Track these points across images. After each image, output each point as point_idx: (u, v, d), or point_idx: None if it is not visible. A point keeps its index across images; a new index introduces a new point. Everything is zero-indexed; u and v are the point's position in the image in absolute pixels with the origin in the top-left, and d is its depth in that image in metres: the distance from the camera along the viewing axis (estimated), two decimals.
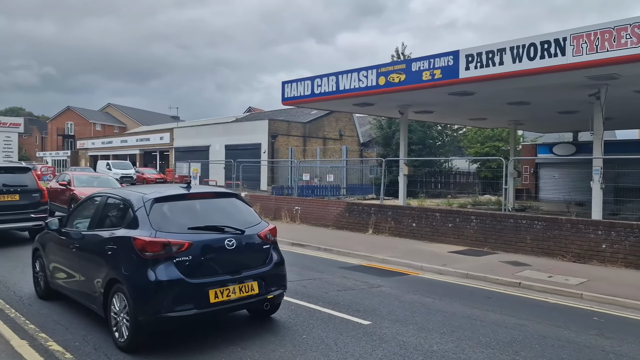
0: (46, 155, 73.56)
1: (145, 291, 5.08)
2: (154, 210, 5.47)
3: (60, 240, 6.84)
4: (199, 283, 5.18)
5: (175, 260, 5.14)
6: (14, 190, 11.93)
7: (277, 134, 36.75)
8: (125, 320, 5.23)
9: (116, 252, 5.48)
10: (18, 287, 7.99)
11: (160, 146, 48.38)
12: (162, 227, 5.32)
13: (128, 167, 40.43)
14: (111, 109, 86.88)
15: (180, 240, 5.22)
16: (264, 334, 5.85)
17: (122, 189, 7.13)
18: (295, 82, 18.42)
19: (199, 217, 5.75)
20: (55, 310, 6.75)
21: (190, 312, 5.11)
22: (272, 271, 5.82)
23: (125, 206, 5.85)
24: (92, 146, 61.12)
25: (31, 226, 12.29)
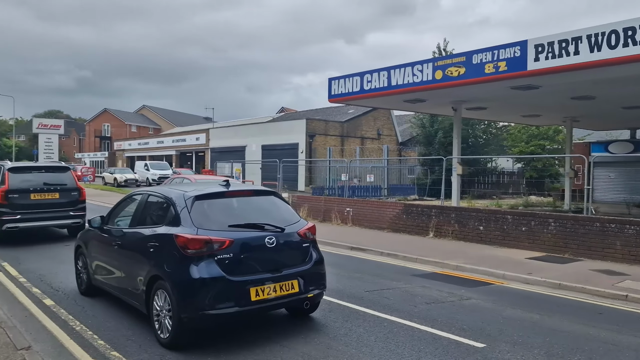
0: (84, 157, 75.02)
1: (188, 288, 5.08)
2: (195, 208, 5.49)
3: (102, 238, 6.93)
4: (240, 281, 5.18)
5: (217, 257, 5.14)
6: (54, 189, 12.39)
7: (315, 134, 36.16)
8: (168, 317, 5.26)
9: (158, 250, 5.52)
10: (60, 283, 7.98)
11: (196, 147, 48.45)
12: (203, 225, 5.33)
13: (165, 167, 40.53)
14: (146, 111, 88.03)
15: (222, 237, 5.22)
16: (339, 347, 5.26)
17: (161, 187, 7.19)
18: (342, 78, 17.71)
19: (239, 214, 5.77)
20: (97, 306, 6.76)
21: (231, 310, 5.11)
22: (312, 270, 5.77)
23: (166, 204, 5.88)
24: (129, 147, 61.83)
25: (70, 223, 12.75)
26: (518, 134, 36.54)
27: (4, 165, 12.84)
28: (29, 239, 12.75)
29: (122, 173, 39.31)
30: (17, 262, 9.84)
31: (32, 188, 12.13)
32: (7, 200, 11.79)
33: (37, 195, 12.17)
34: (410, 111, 25.49)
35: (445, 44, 31.54)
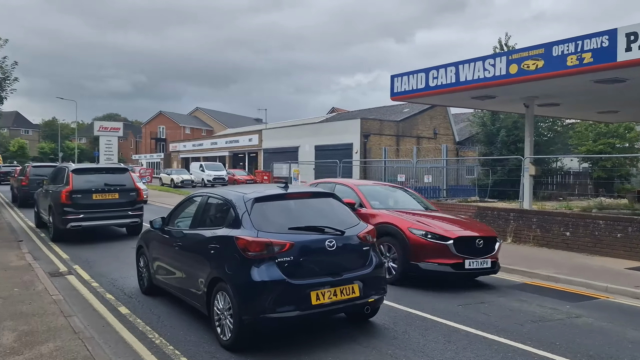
0: (141, 158, 77.31)
1: (249, 291, 5.06)
2: (254, 210, 5.49)
3: (163, 239, 6.99)
4: (301, 284, 5.12)
5: (277, 260, 5.11)
6: (114, 189, 12.81)
7: (370, 133, 35.47)
8: (229, 319, 5.26)
9: (219, 251, 5.51)
10: (133, 289, 7.98)
11: (249, 148, 48.75)
12: (263, 227, 5.31)
13: (220, 168, 40.91)
14: (199, 113, 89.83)
15: (282, 240, 5.19)
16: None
17: (220, 188, 7.06)
18: (406, 75, 17.00)
19: (298, 217, 5.69)
20: (158, 306, 6.75)
21: (292, 314, 5.06)
22: (373, 274, 5.65)
23: (226, 206, 5.88)
24: (184, 148, 63.08)
25: (129, 222, 13.22)
26: (585, 131, 34.55)
27: (68, 167, 13.20)
28: (93, 240, 12.94)
29: (179, 174, 39.94)
30: (88, 265, 9.79)
31: (93, 188, 12.53)
32: (71, 200, 12.17)
33: (99, 195, 12.58)
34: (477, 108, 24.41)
35: (507, 39, 30.15)
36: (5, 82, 25.49)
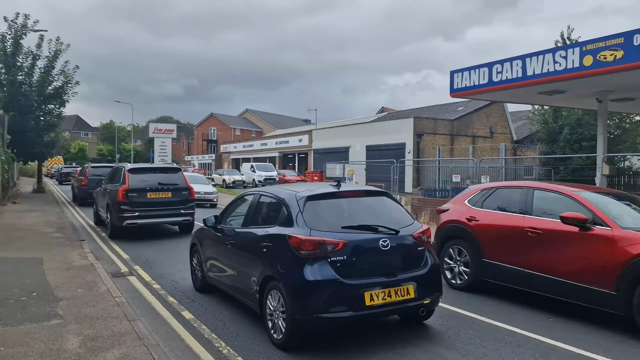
0: (193, 159, 79.02)
1: (301, 290, 5.00)
2: (307, 208, 5.42)
3: (215, 237, 7.05)
4: (354, 284, 5.03)
5: (330, 259, 5.04)
6: (168, 188, 13.22)
7: (423, 133, 34.58)
8: (282, 318, 5.22)
9: (271, 250, 5.49)
10: (184, 284, 8.06)
11: (299, 148, 48.71)
12: (316, 226, 5.25)
13: (271, 169, 41.03)
14: (249, 114, 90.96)
15: (335, 239, 5.12)
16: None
17: (272, 187, 7.02)
18: (467, 70, 16.23)
19: (350, 215, 5.64)
20: (222, 311, 6.62)
21: (345, 314, 4.98)
22: (428, 274, 5.52)
23: (278, 204, 5.86)
24: (234, 149, 63.88)
25: (181, 221, 13.65)
26: None
27: (124, 167, 13.67)
28: (150, 238, 13.14)
29: (230, 175, 40.32)
30: (148, 265, 9.71)
31: (148, 187, 12.95)
32: (127, 199, 12.62)
33: (153, 194, 13.00)
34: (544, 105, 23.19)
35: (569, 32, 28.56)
36: (67, 85, 26.39)
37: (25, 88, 24.91)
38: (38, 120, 26.36)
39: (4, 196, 20.97)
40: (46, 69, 25.71)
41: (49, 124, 27.29)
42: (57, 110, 27.27)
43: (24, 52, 25.06)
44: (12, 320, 5.87)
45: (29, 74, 25.38)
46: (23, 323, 5.77)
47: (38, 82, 25.55)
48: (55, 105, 26.80)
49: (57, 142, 29.57)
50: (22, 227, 13.96)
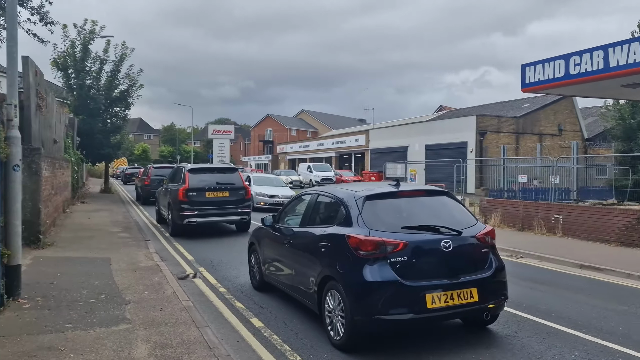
0: (250, 160, 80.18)
1: (361, 291, 4.92)
2: (366, 208, 5.34)
3: (273, 236, 7.08)
4: (416, 286, 4.91)
5: (390, 260, 4.94)
6: (225, 188, 13.49)
7: (486, 131, 33.20)
8: (340, 318, 5.15)
9: (329, 250, 5.44)
10: (241, 282, 8.04)
11: (355, 148, 48.20)
12: (375, 226, 5.16)
13: (328, 169, 40.76)
14: (304, 115, 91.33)
15: (395, 240, 5.01)
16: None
17: (330, 186, 6.97)
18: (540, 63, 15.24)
19: (410, 215, 5.49)
20: (292, 319, 6.35)
21: (406, 317, 4.86)
22: (493, 277, 5.31)
23: (336, 204, 5.82)
24: (290, 150, 64.16)
25: (238, 219, 13.93)
26: None
27: (184, 167, 14.09)
28: (210, 237, 13.26)
29: (288, 175, 40.35)
30: (213, 267, 9.55)
31: (207, 187, 13.27)
32: (187, 198, 12.98)
33: (211, 193, 13.29)
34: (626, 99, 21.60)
35: None
36: (132, 88, 27.12)
37: (93, 92, 25.83)
38: (105, 122, 27.29)
39: (74, 196, 21.74)
40: (112, 72, 26.55)
41: (115, 126, 28.20)
42: (123, 113, 28.18)
43: (92, 57, 25.98)
44: (82, 323, 5.75)
45: (96, 78, 26.30)
46: (92, 327, 5.63)
47: (105, 85, 26.43)
48: (121, 108, 27.67)
49: (122, 143, 30.54)
50: (90, 227, 14.27)
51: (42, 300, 6.63)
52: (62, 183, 16.90)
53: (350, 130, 59.29)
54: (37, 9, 12.73)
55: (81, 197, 23.54)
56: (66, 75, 25.50)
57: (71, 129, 22.66)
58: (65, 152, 19.53)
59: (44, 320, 5.81)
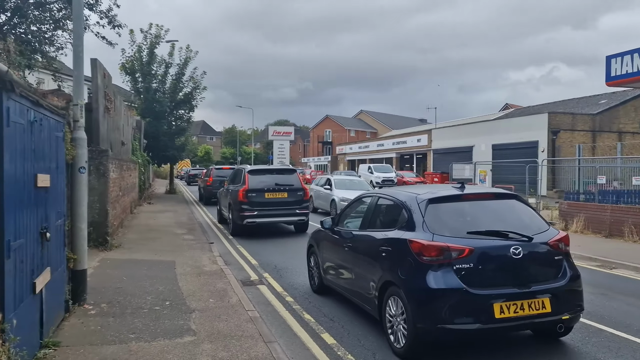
0: (309, 161, 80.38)
1: (424, 298, 4.74)
2: (429, 212, 5.15)
3: (333, 239, 6.97)
4: (483, 295, 4.66)
5: (455, 267, 4.72)
6: (284, 189, 13.59)
7: (559, 129, 31.24)
8: (402, 325, 4.98)
9: (391, 254, 5.29)
10: (309, 291, 7.76)
11: (417, 148, 47.00)
12: (439, 230, 4.96)
13: (389, 170, 39.86)
14: (363, 116, 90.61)
15: (460, 245, 4.78)
16: None
17: (391, 189, 6.91)
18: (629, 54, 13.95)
19: (476, 220, 5.25)
20: (367, 335, 5.87)
21: (472, 327, 4.62)
22: (567, 287, 4.99)
23: (397, 207, 5.64)
24: (350, 151, 63.60)
25: (296, 220, 13.97)
26: None
27: (244, 168, 14.29)
28: (273, 239, 13.20)
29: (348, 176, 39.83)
30: (278, 273, 9.18)
31: (266, 188, 13.45)
32: (247, 199, 13.18)
33: (270, 194, 13.44)
34: None
35: None
36: (195, 91, 27.52)
37: (159, 95, 26.41)
38: (170, 125, 27.86)
39: (141, 197, 22.22)
40: (177, 75, 27.06)
41: (180, 129, 28.75)
42: (187, 115, 28.67)
43: (158, 60, 26.57)
44: (146, 334, 5.47)
45: (162, 82, 26.89)
46: (156, 338, 5.32)
47: (170, 88, 26.97)
48: (185, 110, 28.18)
49: (186, 145, 31.07)
50: (155, 228, 14.34)
51: (107, 307, 6.45)
52: (130, 184, 17.20)
53: (411, 130, 57.93)
54: (105, 12, 12.92)
55: (148, 198, 24.07)
56: (134, 79, 26.24)
57: (138, 132, 23.21)
58: (133, 154, 19.96)
59: (108, 329, 5.58)
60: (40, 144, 4.70)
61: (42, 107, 4.73)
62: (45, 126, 4.89)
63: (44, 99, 4.86)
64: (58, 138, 5.50)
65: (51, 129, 5.16)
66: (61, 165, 5.68)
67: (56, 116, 5.39)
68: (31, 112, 4.37)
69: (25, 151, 4.19)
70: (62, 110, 5.66)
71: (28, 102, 4.26)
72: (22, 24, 11.53)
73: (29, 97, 4.25)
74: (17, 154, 3.95)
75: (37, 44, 11.96)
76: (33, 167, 4.43)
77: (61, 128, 5.68)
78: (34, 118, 4.43)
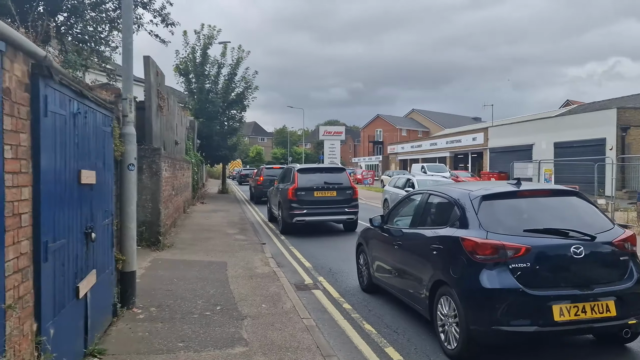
0: (359, 161, 79.63)
1: (478, 299, 4.53)
2: (482, 209, 4.94)
3: (382, 237, 6.87)
4: (541, 296, 4.39)
5: (511, 266, 4.49)
6: (333, 187, 13.60)
7: (629, 126, 29.18)
8: (454, 327, 4.78)
9: (442, 253, 5.14)
10: (367, 298, 7.38)
11: (472, 147, 45.36)
12: (493, 228, 4.74)
13: (443, 170, 38.59)
14: (415, 115, 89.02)
15: (517, 243, 4.54)
16: None
17: (443, 186, 6.65)
18: None
19: (533, 217, 4.99)
20: (421, 337, 5.67)
21: (529, 329, 4.37)
22: (634, 289, 4.59)
23: (449, 204, 5.47)
24: (402, 150, 62.39)
25: (345, 219, 13.89)
26: None
27: (294, 167, 14.44)
28: (323, 238, 13.05)
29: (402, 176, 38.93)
30: (333, 277, 8.69)
31: (315, 186, 13.48)
32: (296, 197, 13.24)
33: (319, 193, 13.46)
34: None
35: None
36: (247, 91, 27.50)
37: (212, 95, 26.54)
38: (222, 125, 27.97)
39: (194, 197, 22.34)
40: (229, 76, 27.12)
41: (232, 129, 28.82)
42: (239, 115, 28.70)
43: (210, 61, 26.73)
44: (195, 342, 5.09)
45: (214, 82, 27.03)
46: (206, 348, 4.93)
47: (222, 89, 27.07)
48: (237, 110, 28.21)
49: (238, 145, 31.07)
50: (208, 228, 14.19)
51: (157, 311, 6.14)
52: (183, 184, 17.20)
53: (466, 129, 56.00)
54: (158, 11, 12.84)
55: (201, 197, 24.21)
56: (187, 80, 26.51)
57: (192, 132, 23.38)
58: (186, 154, 20.03)
59: (156, 336, 5.25)
60: (85, 138, 4.40)
61: (87, 99, 4.43)
62: (91, 119, 4.60)
63: (90, 90, 4.57)
64: (105, 133, 5.22)
65: (98, 122, 4.87)
66: (109, 161, 5.40)
67: (103, 109, 5.11)
68: (74, 103, 4.06)
69: (67, 145, 3.88)
70: (110, 104, 5.38)
71: (70, 91, 3.95)
72: (79, 24, 11.57)
73: (71, 87, 3.93)
74: (56, 147, 3.63)
75: (93, 44, 11.99)
76: (76, 162, 4.12)
77: (109, 122, 5.41)
78: (77, 109, 4.12)
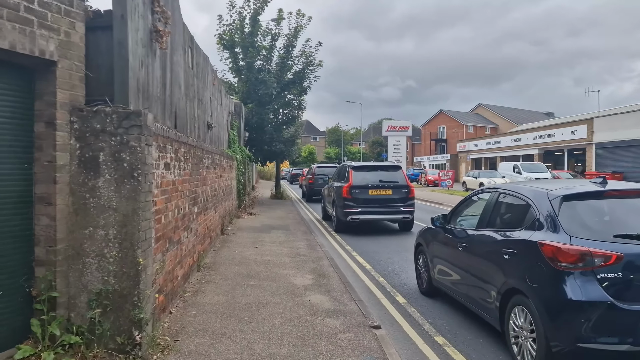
0: (422, 160, 72.80)
1: (560, 311, 4.03)
2: (563, 210, 4.42)
3: (444, 238, 6.51)
4: (635, 310, 3.86)
5: (598, 276, 3.96)
6: (388, 186, 13.28)
7: None
8: (530, 342, 4.35)
9: (516, 258, 4.65)
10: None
11: (570, 143, 37.70)
12: (576, 232, 4.22)
13: (542, 170, 31.42)
14: (481, 110, 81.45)
15: (606, 251, 3.99)
16: None
17: (515, 184, 5.89)
18: None
19: (624, 221, 4.47)
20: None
21: (620, 347, 3.86)
22: None
23: (524, 204, 4.95)
24: (474, 148, 55.00)
25: (401, 218, 13.51)
26: None
27: (349, 165, 14.03)
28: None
29: (489, 177, 32.02)
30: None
31: (370, 184, 13.15)
32: (350, 195, 12.98)
33: (374, 191, 13.13)
34: None
35: None
36: (308, 68, 21.46)
37: (264, 74, 20.58)
38: (276, 112, 22.08)
39: (240, 205, 16.52)
40: (286, 49, 21.15)
41: (290, 117, 22.84)
42: (297, 100, 22.53)
43: (262, 31, 20.88)
44: None
45: (267, 58, 21.16)
46: None
47: (277, 66, 21.16)
48: (296, 93, 22.14)
49: (296, 137, 24.62)
50: (256, 274, 7.97)
51: None
52: (222, 189, 11.39)
53: (563, 121, 47.55)
54: None
55: (248, 206, 18.28)
56: (233, 53, 20.74)
57: (237, 118, 17.45)
58: (229, 148, 14.24)
59: None
60: None
61: None
62: None
63: None
64: None
65: None
66: None
67: None
68: None
69: None
70: None
71: None
72: None
73: None
74: None
75: None
76: None
77: None
78: None
